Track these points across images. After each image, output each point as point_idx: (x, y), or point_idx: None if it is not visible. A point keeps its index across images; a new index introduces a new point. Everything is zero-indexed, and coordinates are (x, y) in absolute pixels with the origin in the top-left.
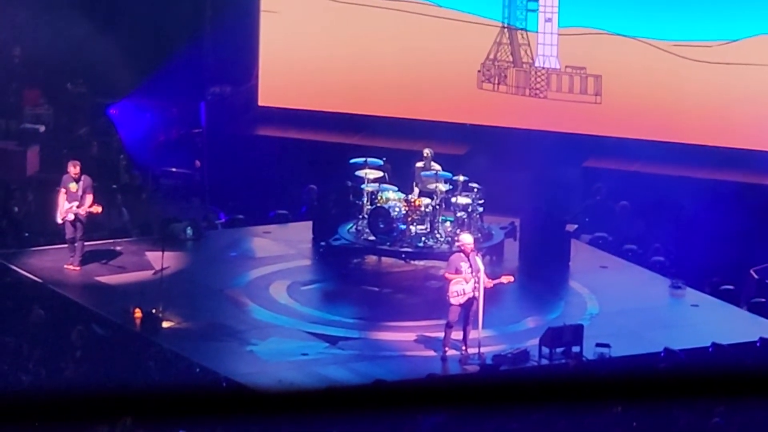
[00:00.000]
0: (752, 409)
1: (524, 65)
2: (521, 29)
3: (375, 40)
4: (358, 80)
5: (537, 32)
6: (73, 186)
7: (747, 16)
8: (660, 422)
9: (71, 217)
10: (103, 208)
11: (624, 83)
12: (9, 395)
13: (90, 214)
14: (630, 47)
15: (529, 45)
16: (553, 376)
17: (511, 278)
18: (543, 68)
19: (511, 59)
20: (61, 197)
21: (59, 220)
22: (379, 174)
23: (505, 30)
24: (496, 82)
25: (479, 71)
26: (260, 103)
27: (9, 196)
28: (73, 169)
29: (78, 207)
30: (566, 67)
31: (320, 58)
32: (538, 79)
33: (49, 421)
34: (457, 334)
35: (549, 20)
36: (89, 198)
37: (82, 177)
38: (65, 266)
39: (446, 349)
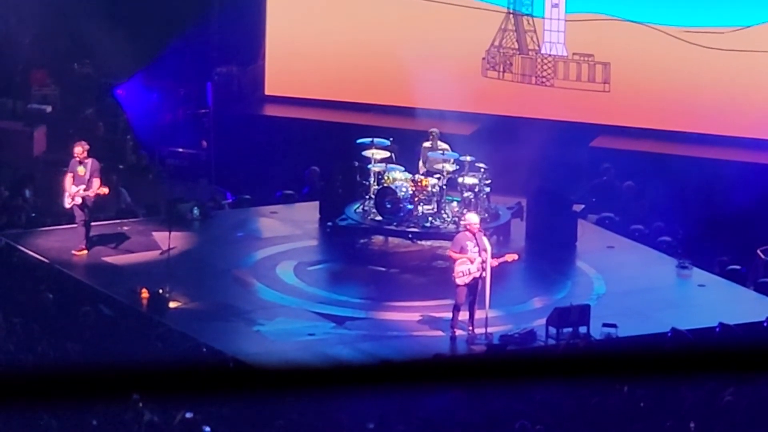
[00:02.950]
0: (759, 388)
1: (530, 52)
2: (527, 15)
3: (378, 27)
4: (361, 68)
5: (543, 18)
6: (80, 169)
7: (759, 2)
8: (667, 402)
9: (79, 200)
10: (110, 190)
11: (633, 71)
12: (16, 375)
13: (97, 196)
14: (639, 33)
15: (535, 32)
16: (559, 356)
17: (516, 256)
18: (550, 55)
19: (516, 46)
20: (68, 181)
21: (67, 205)
22: (386, 154)
23: (511, 16)
24: (501, 69)
25: (484, 58)
26: (267, 92)
27: (16, 177)
28: (80, 150)
29: (85, 190)
30: (573, 54)
31: (325, 45)
32: (545, 67)
33: (56, 400)
34: (464, 315)
35: (556, 6)
36: (96, 181)
37: (90, 160)
38: (73, 252)
39: (454, 329)
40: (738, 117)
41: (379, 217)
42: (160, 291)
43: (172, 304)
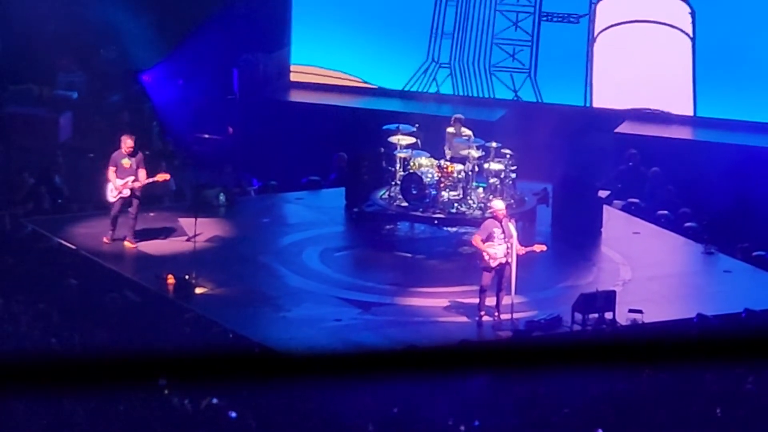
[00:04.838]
0: None
1: None
2: None
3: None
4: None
5: None
6: (126, 162)
7: None
8: (692, 388)
9: (127, 192)
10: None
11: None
12: (43, 361)
13: (156, 183)
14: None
15: None
16: (585, 342)
17: (544, 247)
18: None
19: None
20: (111, 174)
21: (113, 198)
22: (412, 140)
23: None
24: None
25: None
26: (292, 78)
27: (42, 164)
28: (127, 143)
29: (134, 182)
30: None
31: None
32: None
33: (82, 386)
34: (490, 300)
35: None
36: (143, 172)
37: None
38: (125, 242)
39: (482, 313)
40: (762, 102)
41: (405, 203)
42: (187, 277)
43: (198, 290)
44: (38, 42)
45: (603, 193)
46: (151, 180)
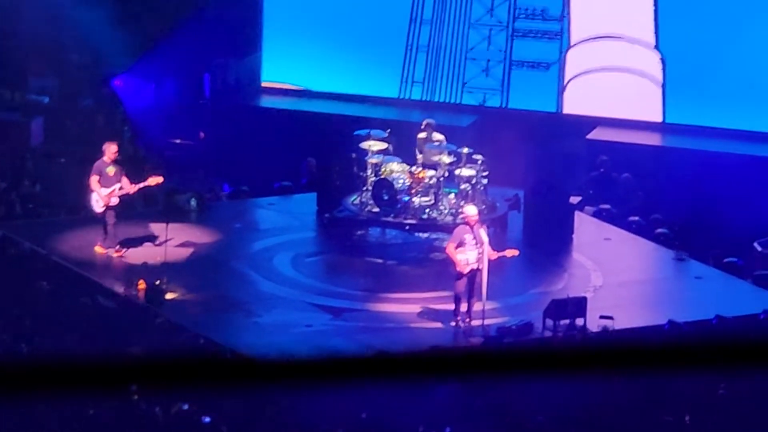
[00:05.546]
0: (756, 381)
1: None
2: None
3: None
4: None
5: None
6: (110, 170)
7: None
8: (664, 394)
9: (115, 201)
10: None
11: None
12: (13, 365)
13: (148, 188)
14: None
15: None
16: (556, 348)
17: (516, 252)
18: None
19: None
20: (95, 184)
21: (100, 209)
22: (383, 145)
23: None
24: None
25: None
26: (263, 83)
27: (13, 168)
28: (111, 150)
29: (120, 189)
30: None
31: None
32: None
33: (53, 391)
34: (462, 306)
35: None
36: (125, 180)
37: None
38: (114, 254)
39: (457, 320)
40: (735, 109)
41: (376, 209)
42: (158, 282)
43: (169, 296)
44: (10, 46)
45: (574, 199)
46: (143, 185)
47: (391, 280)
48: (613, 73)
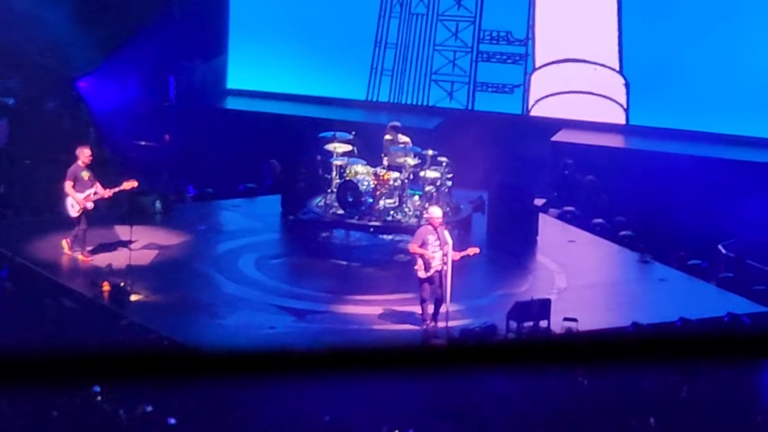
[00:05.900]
0: (719, 383)
1: None
2: None
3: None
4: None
5: None
6: (85, 174)
7: None
8: (628, 396)
9: (90, 205)
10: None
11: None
12: None
13: (123, 192)
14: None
15: None
16: (520, 350)
17: (477, 250)
18: None
19: None
20: (70, 189)
21: (75, 213)
22: (348, 147)
23: None
24: None
25: None
26: (229, 85)
27: None
28: (85, 154)
29: (95, 194)
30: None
31: (288, 38)
32: None
33: (17, 392)
34: (428, 309)
35: None
36: (98, 185)
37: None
38: (81, 258)
39: (426, 322)
40: (702, 111)
41: (340, 211)
42: (122, 284)
43: (133, 297)
44: None
45: (539, 202)
46: (117, 189)
47: (355, 282)
48: (577, 96)
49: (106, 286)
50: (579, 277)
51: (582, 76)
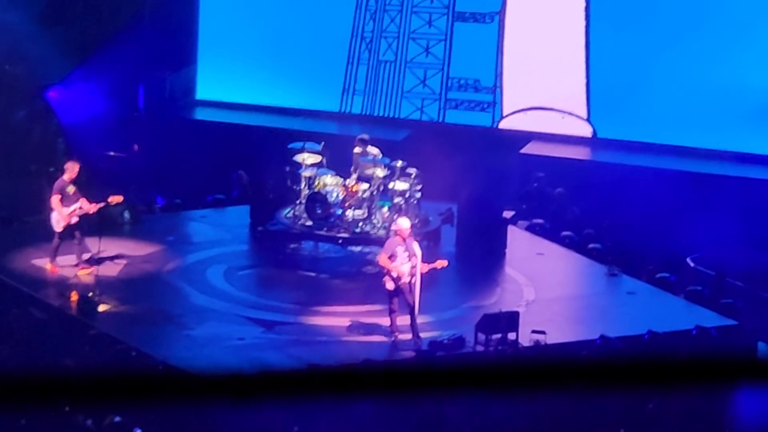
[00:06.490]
0: (687, 397)
1: None
2: None
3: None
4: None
5: None
6: (71, 189)
7: None
8: (595, 409)
9: (75, 220)
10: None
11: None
12: None
13: (108, 205)
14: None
15: None
16: (488, 362)
17: (445, 263)
18: None
19: None
20: (57, 204)
21: (60, 228)
22: (317, 158)
23: None
24: None
25: None
26: (198, 96)
27: None
28: (74, 170)
29: (80, 209)
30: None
31: (257, 49)
32: None
33: None
34: (399, 320)
35: None
36: (83, 200)
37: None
38: (49, 268)
39: (395, 334)
40: (672, 126)
41: (309, 222)
42: (90, 294)
43: (101, 308)
44: None
45: (508, 214)
46: (103, 204)
47: (323, 293)
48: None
49: (74, 297)
50: (547, 290)
51: (550, 124)
